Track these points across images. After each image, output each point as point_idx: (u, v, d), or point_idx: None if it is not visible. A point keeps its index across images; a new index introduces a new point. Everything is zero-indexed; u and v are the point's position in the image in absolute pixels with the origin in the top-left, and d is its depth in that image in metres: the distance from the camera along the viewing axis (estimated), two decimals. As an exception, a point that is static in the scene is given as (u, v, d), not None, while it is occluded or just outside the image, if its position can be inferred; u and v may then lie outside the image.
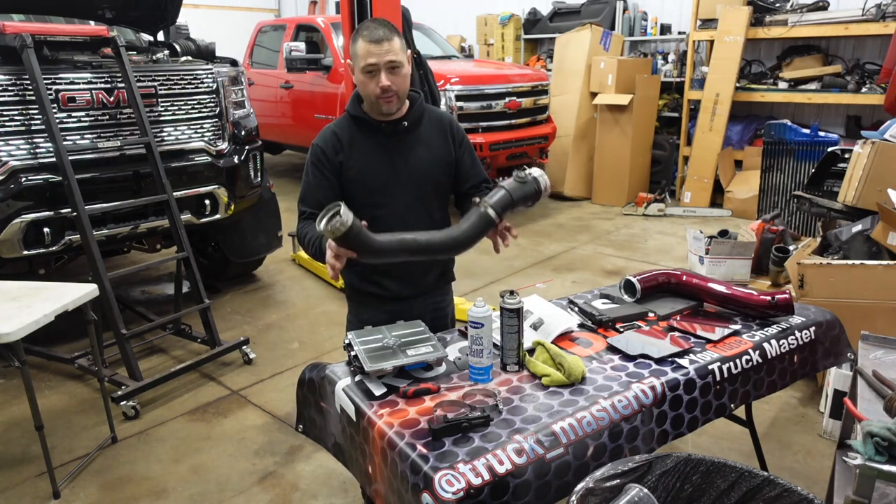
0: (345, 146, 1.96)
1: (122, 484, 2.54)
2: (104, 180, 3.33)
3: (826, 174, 4.03)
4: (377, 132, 1.98)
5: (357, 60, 1.87)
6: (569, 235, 5.76)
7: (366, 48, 1.84)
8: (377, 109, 1.93)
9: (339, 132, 1.98)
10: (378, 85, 1.85)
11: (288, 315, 4.16)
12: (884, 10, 5.49)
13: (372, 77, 1.86)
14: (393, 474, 1.41)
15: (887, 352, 1.88)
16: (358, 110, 1.98)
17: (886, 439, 1.31)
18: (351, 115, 1.99)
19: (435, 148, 2.04)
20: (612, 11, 7.57)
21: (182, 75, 3.61)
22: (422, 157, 2.01)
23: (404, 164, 1.99)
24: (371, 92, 1.88)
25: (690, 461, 1.34)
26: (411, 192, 2.00)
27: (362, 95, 1.94)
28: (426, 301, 2.11)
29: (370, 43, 1.83)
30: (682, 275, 2.16)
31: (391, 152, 1.98)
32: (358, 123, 1.98)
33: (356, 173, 1.96)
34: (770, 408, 2.94)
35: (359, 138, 1.97)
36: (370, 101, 1.92)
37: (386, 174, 1.98)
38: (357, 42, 1.86)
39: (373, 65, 1.84)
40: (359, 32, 1.87)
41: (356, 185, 1.97)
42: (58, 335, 3.48)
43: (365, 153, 1.97)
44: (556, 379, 1.61)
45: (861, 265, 2.84)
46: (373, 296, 2.06)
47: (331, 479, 2.54)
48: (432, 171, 2.03)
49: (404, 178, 1.99)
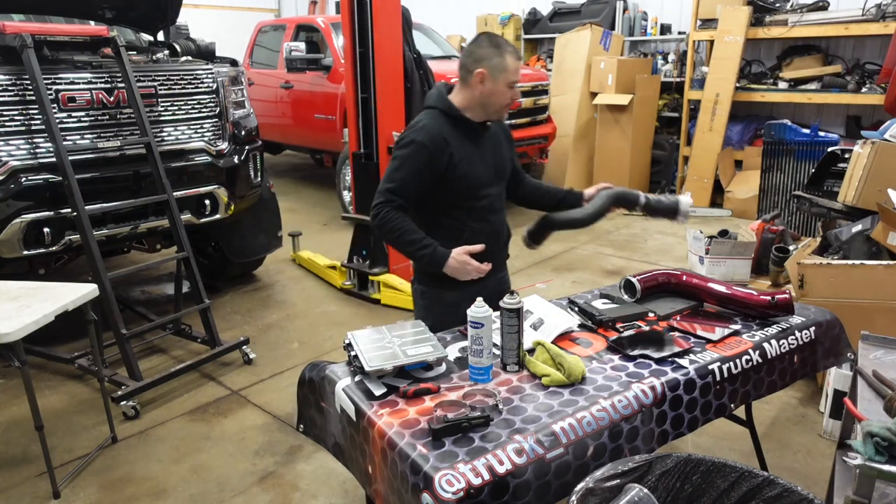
0: (450, 145, 2.10)
1: (122, 484, 2.54)
2: (104, 180, 3.33)
3: (826, 174, 4.03)
4: (472, 132, 2.16)
5: (505, 74, 2.07)
6: (569, 235, 5.75)
7: (516, 65, 2.09)
8: (493, 116, 2.17)
9: (443, 132, 2.11)
10: (514, 98, 2.12)
11: (288, 315, 4.16)
12: (884, 10, 5.49)
13: (511, 90, 2.10)
14: (393, 474, 1.41)
15: (887, 352, 1.88)
16: (456, 111, 2.14)
17: (886, 439, 1.31)
18: (448, 115, 2.14)
19: (503, 145, 2.29)
20: (612, 11, 7.57)
21: (182, 75, 3.61)
22: (499, 152, 2.26)
23: (492, 159, 2.22)
24: (503, 102, 2.11)
25: (690, 461, 1.34)
26: (498, 184, 2.26)
27: (490, 104, 2.12)
28: (496, 276, 2.28)
29: (518, 60, 2.10)
30: (682, 275, 2.16)
31: (484, 149, 2.20)
32: (456, 123, 2.13)
33: (462, 170, 2.12)
34: (770, 408, 2.94)
35: (458, 137, 2.13)
36: (494, 109, 2.13)
37: (484, 169, 2.18)
38: (507, 59, 2.07)
39: (517, 81, 2.10)
40: (502, 48, 2.08)
41: (462, 181, 2.13)
42: (58, 335, 3.48)
43: (468, 151, 2.14)
44: (556, 379, 1.61)
45: (861, 265, 2.84)
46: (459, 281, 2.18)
47: (331, 479, 2.54)
48: (507, 164, 2.30)
49: (493, 171, 2.22)
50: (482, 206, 2.19)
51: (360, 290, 4.42)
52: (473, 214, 2.17)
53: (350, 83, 4.13)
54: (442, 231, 2.14)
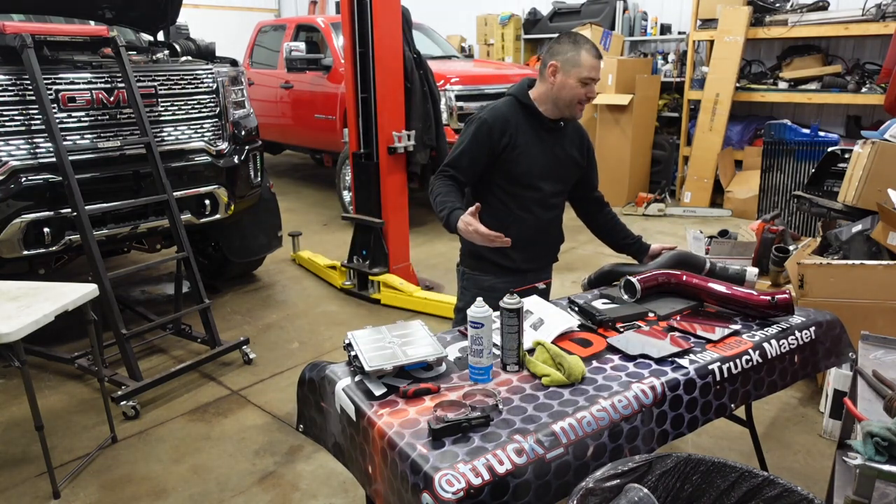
0: (512, 128, 2.19)
1: (122, 484, 2.54)
2: (104, 180, 3.33)
3: (826, 174, 4.03)
4: (541, 125, 2.23)
5: (578, 69, 2.12)
6: (569, 235, 5.70)
7: (591, 62, 2.11)
8: (564, 112, 2.20)
9: (509, 115, 2.20)
10: (587, 95, 2.14)
11: (288, 315, 4.16)
12: (884, 10, 5.49)
13: (584, 87, 2.13)
14: (393, 474, 1.41)
15: (887, 352, 1.88)
16: (529, 100, 2.22)
17: (886, 439, 1.31)
18: (522, 104, 2.22)
19: (573, 149, 2.33)
20: (612, 11, 7.57)
21: (182, 75, 3.61)
22: (567, 154, 2.31)
23: (555, 157, 2.27)
24: (575, 97, 2.15)
25: (690, 461, 1.34)
26: (556, 182, 2.31)
27: (560, 97, 2.17)
28: (538, 276, 2.38)
29: (595, 58, 2.13)
30: (682, 275, 2.15)
31: (548, 144, 2.25)
32: (527, 112, 2.22)
33: (518, 155, 2.20)
34: (770, 408, 2.94)
35: (525, 125, 2.21)
36: (565, 103, 2.17)
37: (543, 162, 2.25)
38: (581, 53, 2.12)
39: (592, 79, 2.13)
40: (579, 44, 2.13)
41: (515, 165, 2.21)
42: (58, 335, 3.48)
43: (530, 140, 2.21)
44: (556, 379, 1.61)
45: (861, 265, 2.84)
46: (497, 265, 2.32)
47: (331, 479, 2.54)
48: (571, 169, 2.35)
49: (553, 168, 2.27)
50: (531, 197, 2.27)
51: (360, 290, 4.42)
52: (521, 202, 2.26)
53: (350, 83, 4.13)
54: (490, 210, 2.23)
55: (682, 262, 2.28)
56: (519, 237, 2.19)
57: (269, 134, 6.72)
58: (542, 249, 2.42)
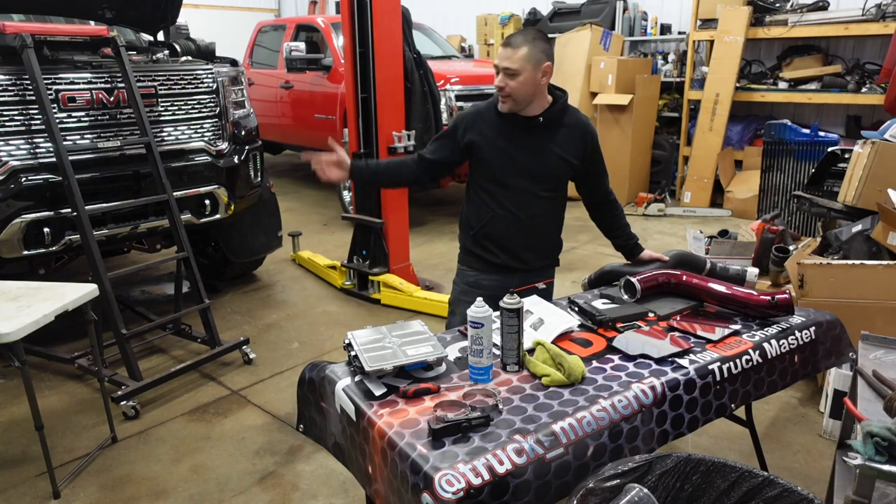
0: (480, 126, 2.25)
1: (122, 484, 2.54)
2: (104, 180, 3.33)
3: (826, 174, 4.03)
4: (515, 124, 2.24)
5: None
6: (569, 235, 5.72)
7: (499, 51, 2.15)
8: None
9: (483, 113, 2.27)
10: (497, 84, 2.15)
11: (288, 315, 4.16)
12: (884, 10, 5.49)
13: (496, 75, 2.15)
14: (393, 474, 1.41)
15: (887, 352, 1.88)
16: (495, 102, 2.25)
17: (886, 439, 1.31)
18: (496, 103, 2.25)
19: (563, 148, 2.28)
20: (612, 11, 7.56)
21: (182, 75, 3.61)
22: (547, 153, 2.26)
23: (533, 155, 2.25)
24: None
25: (690, 461, 1.34)
26: (533, 181, 2.27)
27: None
28: (527, 278, 2.33)
29: (502, 47, 2.15)
30: (682, 275, 2.16)
31: (525, 142, 2.24)
32: (500, 114, 2.24)
33: (483, 152, 2.25)
34: (770, 408, 2.94)
35: (497, 123, 2.24)
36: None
37: (505, 160, 2.25)
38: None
39: (495, 66, 2.15)
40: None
41: (479, 162, 2.28)
42: (58, 335, 3.48)
43: (496, 138, 2.24)
44: (556, 379, 1.61)
45: (861, 265, 2.84)
46: (481, 259, 2.37)
47: (331, 479, 2.54)
48: (556, 168, 2.29)
49: (529, 167, 2.25)
50: (504, 194, 2.28)
51: (360, 290, 4.42)
52: (496, 199, 2.28)
53: (350, 83, 4.13)
54: (472, 204, 2.36)
55: (682, 262, 2.29)
56: (496, 233, 2.31)
57: (269, 134, 6.72)
58: (526, 249, 2.35)
